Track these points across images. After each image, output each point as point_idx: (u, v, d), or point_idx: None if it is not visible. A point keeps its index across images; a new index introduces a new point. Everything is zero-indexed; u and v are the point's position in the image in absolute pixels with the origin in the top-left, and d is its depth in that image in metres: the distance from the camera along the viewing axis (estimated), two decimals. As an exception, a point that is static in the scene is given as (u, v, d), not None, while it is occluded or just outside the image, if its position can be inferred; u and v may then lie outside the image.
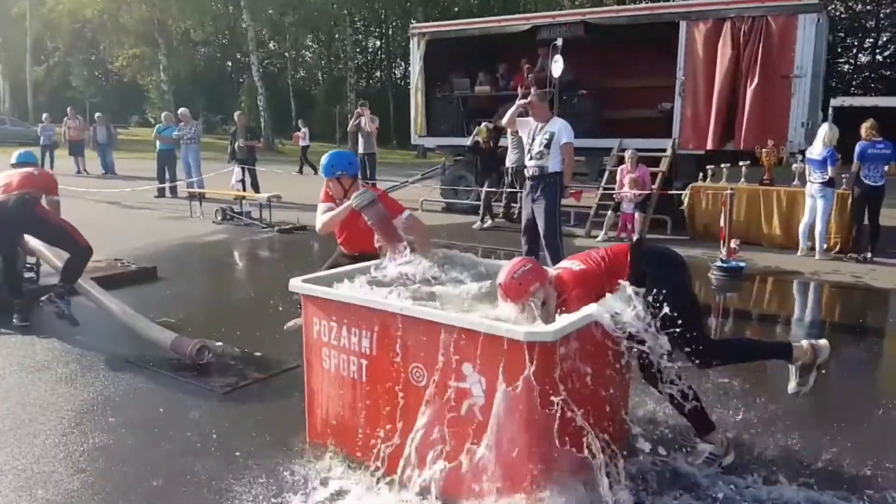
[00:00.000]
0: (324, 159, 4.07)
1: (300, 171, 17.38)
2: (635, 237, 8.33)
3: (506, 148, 9.78)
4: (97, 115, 18.15)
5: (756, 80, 8.74)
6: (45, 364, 4.13)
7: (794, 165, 8.38)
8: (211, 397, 3.68)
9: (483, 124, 9.75)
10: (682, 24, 9.24)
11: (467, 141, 10.35)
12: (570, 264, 2.92)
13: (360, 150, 12.23)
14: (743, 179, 8.46)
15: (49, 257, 5.16)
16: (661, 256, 3.01)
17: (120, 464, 2.94)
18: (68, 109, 19.13)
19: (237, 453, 3.04)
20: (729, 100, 9.03)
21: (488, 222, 9.82)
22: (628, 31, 10.22)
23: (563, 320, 2.49)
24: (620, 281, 2.71)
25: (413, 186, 12.75)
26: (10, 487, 2.72)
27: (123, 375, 3.96)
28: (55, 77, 41.92)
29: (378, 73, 42.28)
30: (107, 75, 43.64)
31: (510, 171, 9.52)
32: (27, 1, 36.04)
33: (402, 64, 39.87)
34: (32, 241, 5.20)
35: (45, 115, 19.26)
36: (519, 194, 9.32)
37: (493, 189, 9.76)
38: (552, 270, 2.92)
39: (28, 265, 5.71)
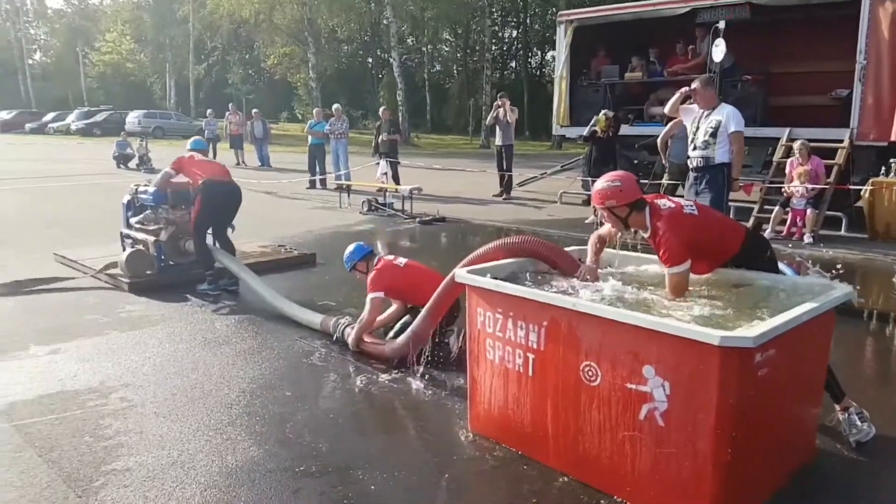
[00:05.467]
0: None
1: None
2: (807, 237, 7.61)
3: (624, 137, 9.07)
4: (254, 111, 19.53)
5: (953, 64, 7.69)
6: (226, 339, 4.47)
7: None
8: (377, 379, 3.79)
9: (602, 112, 9.23)
10: (865, 3, 8.29)
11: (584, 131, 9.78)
12: (687, 208, 2.93)
13: (498, 141, 12.12)
14: (935, 175, 7.47)
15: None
16: (769, 254, 3.05)
17: (296, 435, 3.10)
18: (230, 105, 20.81)
19: (400, 434, 3.12)
20: (920, 87, 8.00)
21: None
22: (799, 11, 9.36)
23: (766, 324, 2.29)
24: None
25: (553, 178, 12.53)
26: (204, 451, 2.95)
27: (295, 352, 4.21)
28: (214, 75, 45.95)
29: (513, 64, 42.12)
30: (259, 73, 47.10)
31: (669, 167, 8.74)
32: (191, 4, 39.71)
33: (539, 53, 39.45)
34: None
35: (208, 111, 21.06)
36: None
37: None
38: (663, 202, 2.93)
39: None
